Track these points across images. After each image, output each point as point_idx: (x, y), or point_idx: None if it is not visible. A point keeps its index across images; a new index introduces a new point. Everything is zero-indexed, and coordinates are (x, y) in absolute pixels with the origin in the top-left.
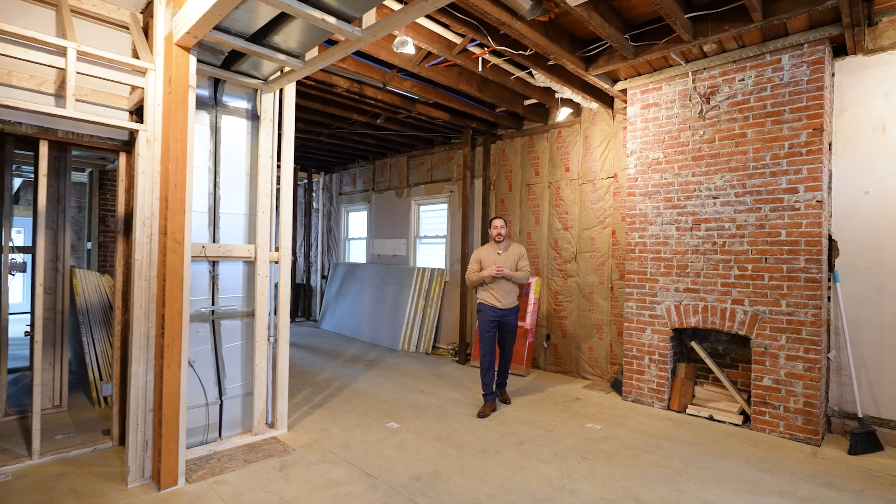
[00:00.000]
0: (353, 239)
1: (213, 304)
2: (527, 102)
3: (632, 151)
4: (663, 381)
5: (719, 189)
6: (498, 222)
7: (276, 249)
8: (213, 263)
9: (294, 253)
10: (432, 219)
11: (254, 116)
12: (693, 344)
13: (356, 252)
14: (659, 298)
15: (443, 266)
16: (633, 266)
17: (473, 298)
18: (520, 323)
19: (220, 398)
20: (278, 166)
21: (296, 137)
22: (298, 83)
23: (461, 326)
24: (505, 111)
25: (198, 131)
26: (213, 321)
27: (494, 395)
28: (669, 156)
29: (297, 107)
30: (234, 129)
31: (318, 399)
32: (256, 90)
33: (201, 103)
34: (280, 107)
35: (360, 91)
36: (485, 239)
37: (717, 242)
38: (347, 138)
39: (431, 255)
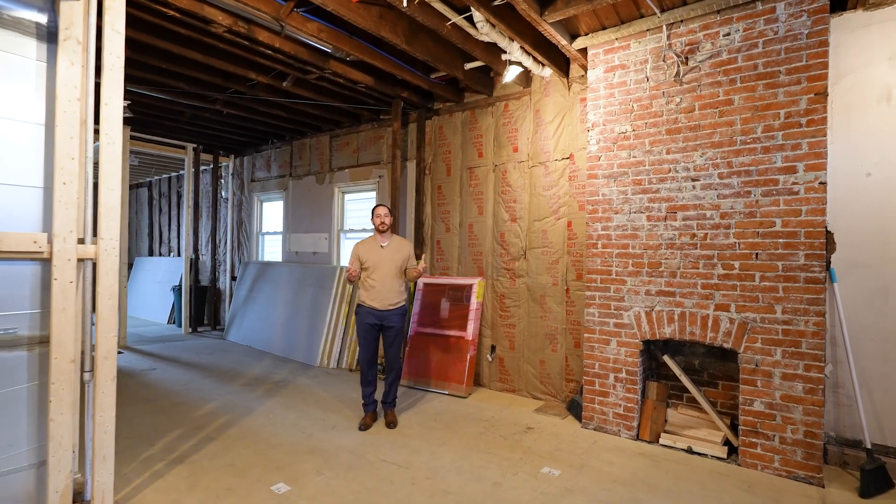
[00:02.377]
0: (269, 233)
1: None
2: (468, 66)
3: (593, 124)
4: (632, 405)
5: (700, 169)
6: (381, 210)
7: (94, 241)
8: None
9: (196, 250)
10: (359, 209)
11: (50, 36)
12: (665, 358)
13: (272, 249)
14: (626, 304)
15: None
16: (593, 264)
17: None
18: (459, 333)
19: None
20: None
21: (185, 105)
22: (159, 14)
23: None
24: (442, 78)
25: None
26: None
27: (376, 403)
28: (639, 129)
29: (169, 55)
30: (14, 52)
31: (183, 448)
32: None
33: None
34: (100, 24)
35: (250, 33)
36: (419, 233)
37: (698, 235)
38: (252, 108)
39: None
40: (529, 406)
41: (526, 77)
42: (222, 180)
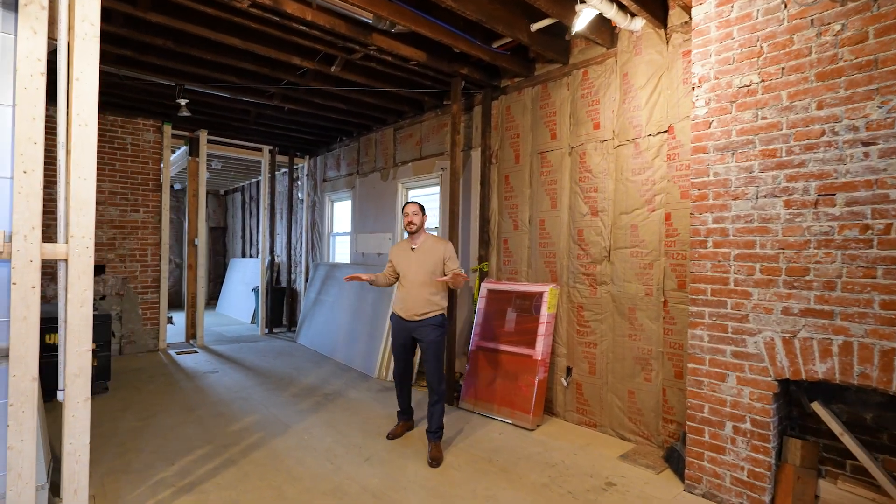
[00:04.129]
0: (339, 234)
1: None
2: (535, 26)
3: (700, 80)
4: (761, 470)
5: (878, 127)
6: (409, 208)
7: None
8: None
9: (273, 251)
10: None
11: (10, 2)
12: (816, 406)
13: (342, 250)
14: (752, 325)
15: None
16: (701, 269)
17: (465, 309)
18: (526, 351)
19: None
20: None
21: (247, 103)
22: None
23: (448, 349)
24: (507, 47)
25: None
26: None
27: (411, 412)
28: (771, 78)
29: (209, 43)
30: None
31: (199, 473)
32: None
33: None
34: None
35: (276, 4)
36: (484, 232)
37: (874, 227)
38: (309, 101)
39: None
40: (613, 448)
41: (610, 35)
42: (298, 181)
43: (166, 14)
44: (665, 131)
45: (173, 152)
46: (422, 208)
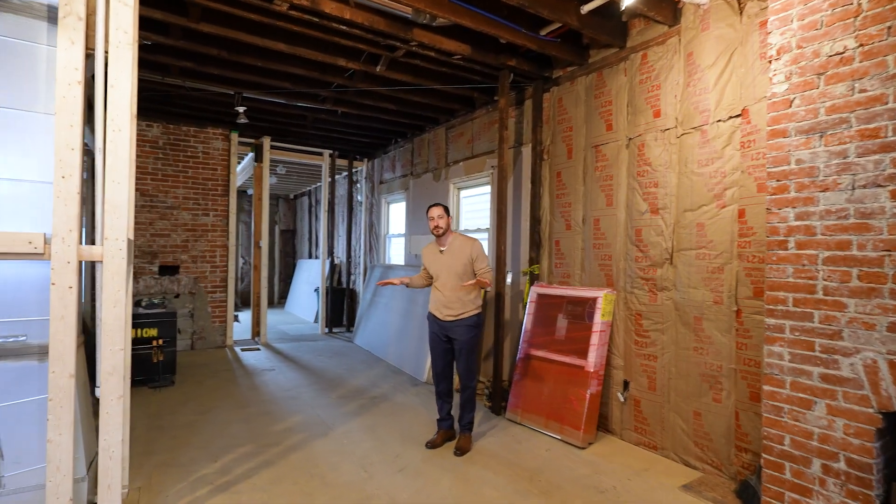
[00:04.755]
0: (394, 236)
1: None
2: (586, 8)
3: (780, 50)
4: None
5: None
6: (433, 211)
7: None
8: None
9: (332, 252)
10: (474, 206)
11: (53, 17)
12: None
13: (397, 251)
14: (847, 343)
15: None
16: (782, 274)
17: (513, 313)
18: (577, 361)
19: None
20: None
21: (303, 108)
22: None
23: (495, 356)
24: (557, 33)
25: None
26: None
27: (452, 420)
28: (873, 41)
29: (259, 50)
30: (24, 38)
31: (238, 472)
32: None
33: None
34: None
35: (314, 5)
36: (534, 232)
37: None
38: (360, 104)
39: None
40: (675, 476)
41: (672, 11)
42: (358, 184)
43: (216, 23)
44: (738, 115)
45: (242, 159)
46: (446, 210)
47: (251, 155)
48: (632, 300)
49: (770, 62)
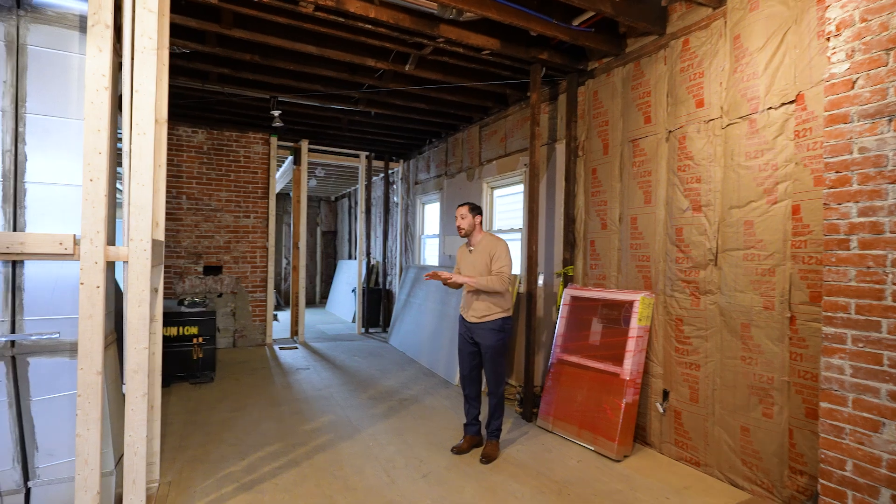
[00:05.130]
0: (429, 236)
1: (12, 329)
2: None
3: (840, 25)
4: None
5: None
6: (459, 210)
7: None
8: (14, 265)
9: (369, 253)
10: (508, 205)
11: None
12: None
13: (432, 252)
14: None
15: (519, 271)
16: (842, 277)
17: (547, 316)
18: (612, 368)
19: (26, 483)
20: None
21: (338, 111)
22: (251, 4)
23: (526, 360)
24: (590, 23)
25: None
26: (12, 358)
27: (478, 425)
28: None
29: (289, 54)
30: (58, 48)
31: (264, 470)
32: None
33: None
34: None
35: (339, 5)
36: (569, 232)
37: None
38: (391, 104)
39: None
40: (719, 497)
41: None
42: (394, 185)
43: (248, 28)
44: (791, 101)
45: (282, 163)
46: (472, 209)
47: (291, 158)
48: (672, 304)
49: (828, 39)
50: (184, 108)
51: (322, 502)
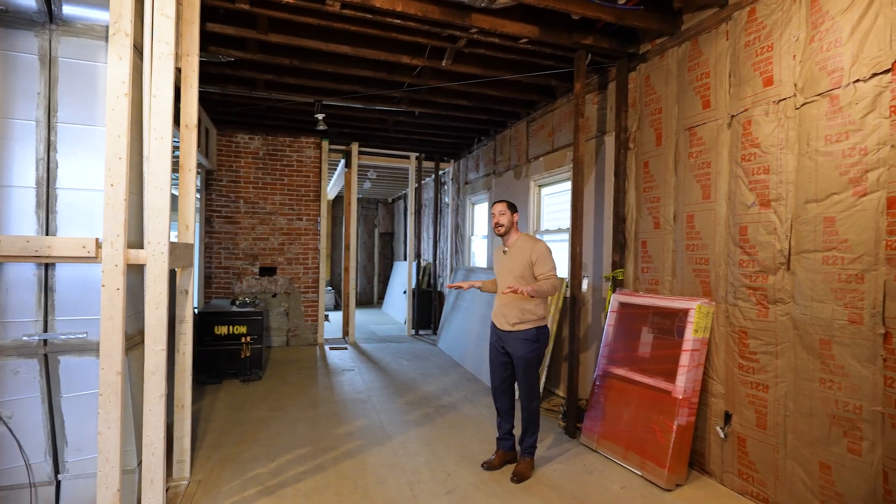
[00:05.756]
0: (479, 237)
1: (44, 328)
2: None
3: None
4: None
5: None
6: (495, 207)
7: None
8: (47, 267)
9: (419, 255)
10: (556, 204)
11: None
12: None
13: (480, 253)
14: None
15: (565, 274)
16: None
17: (595, 323)
18: (663, 385)
19: (57, 476)
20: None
21: (382, 112)
22: (278, 6)
23: (570, 371)
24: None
25: (15, 63)
26: (45, 356)
27: (512, 440)
28: None
29: (326, 56)
30: (85, 58)
31: (289, 474)
32: None
33: (23, 20)
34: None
35: (365, 1)
36: (618, 232)
37: None
38: (433, 102)
39: (558, 257)
40: None
41: None
42: (445, 186)
43: (283, 32)
44: (886, 71)
45: (336, 167)
46: (510, 206)
47: (343, 161)
48: (735, 314)
49: None
50: (240, 115)
51: None
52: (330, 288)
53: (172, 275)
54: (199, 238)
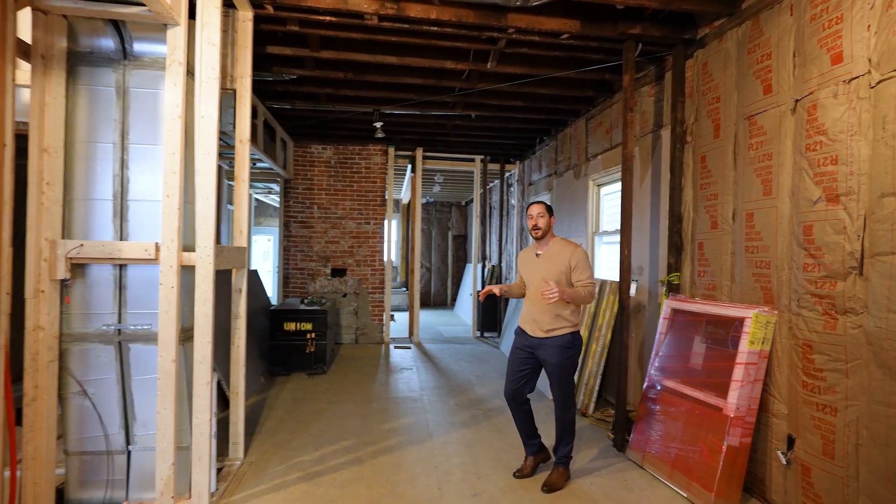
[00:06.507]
0: None
1: (119, 320)
2: None
3: None
4: None
5: None
6: (533, 209)
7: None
8: (121, 268)
9: (485, 257)
10: (616, 205)
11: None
12: None
13: None
14: None
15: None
16: None
17: (647, 330)
18: (714, 400)
19: (128, 447)
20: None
21: (438, 117)
22: (320, 24)
23: (619, 381)
24: None
25: (98, 95)
26: (119, 344)
27: (537, 444)
28: None
29: (376, 67)
30: (150, 86)
31: (329, 464)
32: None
33: (104, 58)
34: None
35: (400, 12)
36: (674, 233)
37: None
38: (486, 105)
39: (615, 259)
40: None
41: None
42: (511, 188)
43: (333, 48)
44: None
45: (404, 173)
46: (548, 208)
47: (409, 166)
48: (798, 324)
49: None
50: (312, 127)
51: None
52: (405, 289)
53: (229, 275)
54: (279, 242)
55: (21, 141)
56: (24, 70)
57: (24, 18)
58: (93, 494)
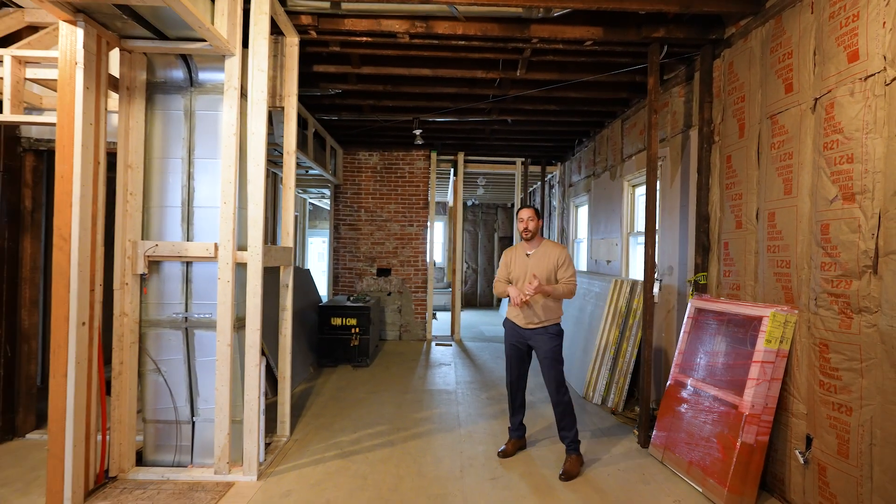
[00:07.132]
0: (581, 240)
1: (185, 309)
2: None
3: None
4: None
5: None
6: (523, 213)
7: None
8: (187, 265)
9: None
10: None
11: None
12: None
13: (584, 256)
14: None
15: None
16: None
17: (673, 329)
18: (730, 397)
19: (193, 418)
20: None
21: (475, 122)
22: (357, 44)
23: (643, 378)
24: None
25: (170, 118)
26: (186, 329)
27: (522, 430)
28: None
29: (411, 79)
30: (212, 109)
31: (365, 444)
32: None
33: (175, 86)
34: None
35: (429, 30)
36: (700, 234)
37: None
38: (520, 109)
39: None
40: None
41: None
42: (553, 190)
43: (371, 64)
44: None
45: (447, 177)
46: (537, 212)
47: (452, 170)
48: (816, 323)
49: None
50: (359, 136)
51: (390, 481)
52: (450, 289)
53: (278, 272)
54: (329, 243)
55: (110, 157)
56: (112, 98)
57: (113, 57)
58: (164, 457)
